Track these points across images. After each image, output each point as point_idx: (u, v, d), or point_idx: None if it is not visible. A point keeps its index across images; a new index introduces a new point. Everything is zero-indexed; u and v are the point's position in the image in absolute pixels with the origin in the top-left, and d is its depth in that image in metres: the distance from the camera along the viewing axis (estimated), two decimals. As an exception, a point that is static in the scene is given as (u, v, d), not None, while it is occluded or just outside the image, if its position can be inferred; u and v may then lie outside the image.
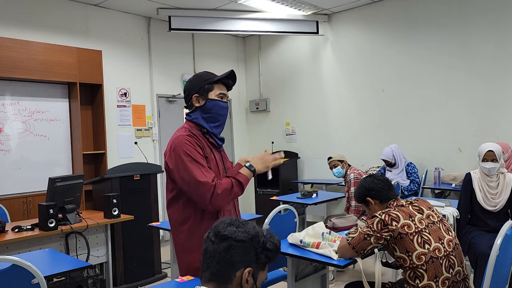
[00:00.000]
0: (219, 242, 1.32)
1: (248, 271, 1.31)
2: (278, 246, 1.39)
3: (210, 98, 2.07)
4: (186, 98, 2.13)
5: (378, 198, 2.41)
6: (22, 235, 3.11)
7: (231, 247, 1.31)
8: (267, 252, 1.35)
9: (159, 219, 4.78)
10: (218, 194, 1.90)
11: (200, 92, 2.07)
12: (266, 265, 1.38)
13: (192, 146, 1.97)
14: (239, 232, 1.32)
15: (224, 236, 1.32)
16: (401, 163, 5.10)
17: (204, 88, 2.07)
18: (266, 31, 6.17)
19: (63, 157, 5.11)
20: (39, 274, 2.06)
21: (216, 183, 1.91)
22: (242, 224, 1.36)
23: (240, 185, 1.97)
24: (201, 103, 2.07)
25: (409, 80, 5.62)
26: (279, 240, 1.41)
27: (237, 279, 1.31)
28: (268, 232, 1.40)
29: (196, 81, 2.10)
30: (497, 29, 4.91)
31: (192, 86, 2.09)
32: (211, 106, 2.07)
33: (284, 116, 7.03)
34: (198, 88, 2.07)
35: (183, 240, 2.03)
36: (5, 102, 4.69)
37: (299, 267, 2.66)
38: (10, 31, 4.70)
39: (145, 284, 4.28)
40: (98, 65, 5.16)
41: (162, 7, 5.62)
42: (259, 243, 1.34)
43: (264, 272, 1.39)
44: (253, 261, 1.33)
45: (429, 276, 2.11)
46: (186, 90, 2.12)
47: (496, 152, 3.25)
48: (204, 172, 1.92)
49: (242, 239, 1.32)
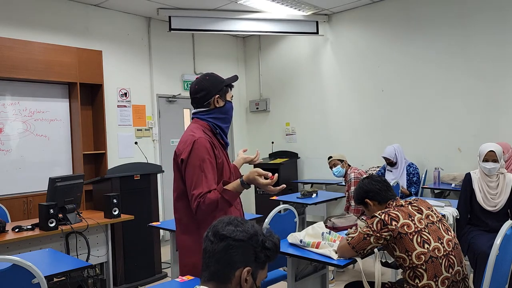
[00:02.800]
0: (218, 241, 1.32)
1: (247, 271, 1.30)
2: (277, 245, 1.38)
3: (227, 99, 2.13)
4: (203, 98, 2.08)
5: (376, 199, 2.42)
6: (22, 235, 3.12)
7: (229, 246, 1.30)
8: (266, 251, 1.34)
9: (159, 219, 4.78)
10: (202, 210, 1.92)
11: (221, 93, 2.09)
12: (266, 264, 1.37)
13: (209, 155, 1.98)
14: (238, 232, 1.32)
15: (223, 235, 1.31)
16: (402, 163, 5.09)
17: (224, 89, 2.10)
18: (266, 31, 6.18)
19: (63, 157, 5.11)
20: (39, 274, 2.06)
21: (204, 198, 1.91)
22: (241, 223, 1.35)
23: (226, 202, 1.95)
24: (221, 104, 2.10)
25: (409, 80, 5.62)
26: (279, 239, 1.40)
27: (236, 279, 1.30)
28: (268, 231, 1.39)
29: (215, 82, 2.10)
30: (497, 29, 4.91)
31: (213, 87, 2.08)
32: (229, 108, 2.14)
33: (284, 116, 7.03)
34: (220, 89, 2.09)
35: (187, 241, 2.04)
36: (5, 102, 4.69)
37: (299, 267, 2.66)
38: (10, 31, 4.71)
39: (145, 284, 4.28)
40: (98, 65, 5.17)
41: (162, 7, 5.62)
42: (258, 242, 1.33)
43: (264, 271, 1.38)
44: (252, 261, 1.32)
45: (428, 276, 2.11)
46: (204, 89, 2.07)
47: (497, 152, 3.25)
48: (201, 184, 1.92)
49: (240, 238, 1.31)
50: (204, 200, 1.91)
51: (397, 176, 5.04)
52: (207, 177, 1.94)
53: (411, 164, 5.07)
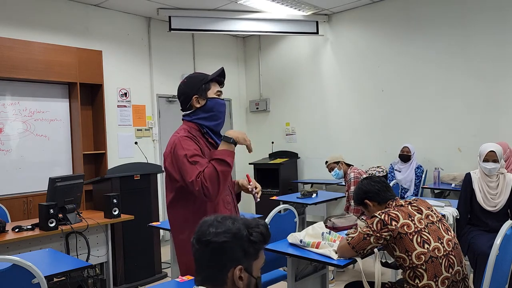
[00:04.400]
0: (203, 247, 1.29)
1: (239, 269, 1.28)
2: (264, 233, 1.32)
3: (209, 97, 2.09)
4: (184, 101, 2.11)
5: (375, 200, 2.42)
6: (22, 235, 3.11)
7: (215, 251, 1.28)
8: (254, 245, 1.30)
9: (159, 219, 4.78)
10: (207, 186, 1.87)
11: (199, 92, 2.07)
12: (258, 253, 1.33)
13: (194, 148, 1.97)
14: (220, 234, 1.28)
15: (206, 241, 1.28)
16: (413, 162, 5.13)
17: (202, 88, 2.08)
18: (266, 31, 6.18)
19: (63, 157, 5.11)
20: (39, 274, 2.06)
21: (201, 177, 1.89)
22: (220, 222, 1.30)
23: (221, 162, 1.92)
24: (202, 103, 2.08)
25: (409, 80, 5.62)
26: (265, 225, 1.35)
27: (230, 280, 1.28)
28: (254, 221, 1.34)
29: (192, 83, 2.10)
30: (497, 29, 4.91)
31: (189, 88, 2.09)
32: (213, 105, 2.09)
33: (284, 116, 7.03)
34: (197, 89, 2.08)
35: (184, 241, 2.03)
36: (5, 102, 4.69)
37: (299, 267, 2.66)
38: (10, 31, 4.71)
39: (145, 284, 4.28)
40: (98, 65, 5.17)
41: (162, 7, 5.62)
42: (243, 238, 1.29)
43: (259, 259, 1.34)
44: (242, 257, 1.29)
45: (428, 276, 2.11)
46: (183, 94, 2.11)
47: (497, 152, 3.25)
48: (194, 169, 1.91)
49: (223, 240, 1.27)
50: (203, 176, 1.88)
51: (405, 176, 5.05)
52: (197, 162, 1.93)
53: (419, 166, 5.12)
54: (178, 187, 2.01)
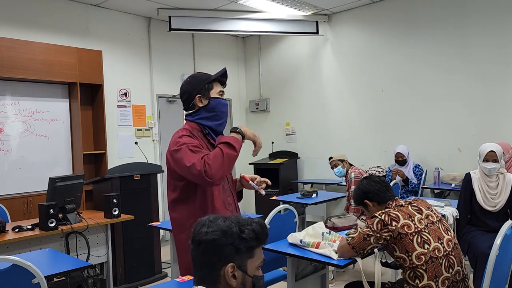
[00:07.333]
0: (196, 247, 1.31)
1: (230, 267, 1.27)
2: (257, 230, 1.31)
3: (212, 96, 2.09)
4: (186, 100, 2.11)
5: (375, 200, 2.42)
6: (22, 235, 3.11)
7: (205, 250, 1.29)
8: (245, 241, 1.29)
9: (159, 219, 4.78)
10: (210, 164, 1.86)
11: (202, 92, 2.08)
12: (253, 250, 1.32)
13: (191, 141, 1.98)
14: (210, 233, 1.29)
15: (198, 241, 1.30)
16: (410, 163, 5.13)
17: (205, 87, 2.08)
18: (266, 31, 6.18)
19: (63, 157, 5.11)
20: (39, 274, 2.06)
21: (204, 158, 1.89)
22: (212, 221, 1.31)
23: (228, 145, 1.93)
24: (204, 103, 2.08)
25: (409, 80, 5.62)
26: (259, 222, 1.33)
27: (223, 277, 1.28)
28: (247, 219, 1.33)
29: (195, 82, 2.10)
30: (497, 30, 4.91)
31: (192, 87, 2.09)
32: (215, 105, 2.09)
33: (284, 116, 7.03)
34: (200, 88, 2.08)
35: (184, 240, 2.03)
36: (5, 102, 4.69)
37: (299, 267, 2.66)
38: (10, 31, 4.71)
39: (145, 284, 4.28)
40: (98, 65, 5.17)
41: (162, 7, 5.62)
42: (234, 236, 1.28)
43: (255, 257, 1.32)
44: (233, 255, 1.28)
45: (428, 276, 2.11)
46: (185, 92, 2.11)
47: (497, 152, 3.25)
48: (195, 156, 1.91)
49: (212, 238, 1.28)
50: (208, 157, 1.88)
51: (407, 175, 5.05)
52: (199, 151, 1.93)
53: (417, 165, 5.12)
54: (180, 186, 2.02)
